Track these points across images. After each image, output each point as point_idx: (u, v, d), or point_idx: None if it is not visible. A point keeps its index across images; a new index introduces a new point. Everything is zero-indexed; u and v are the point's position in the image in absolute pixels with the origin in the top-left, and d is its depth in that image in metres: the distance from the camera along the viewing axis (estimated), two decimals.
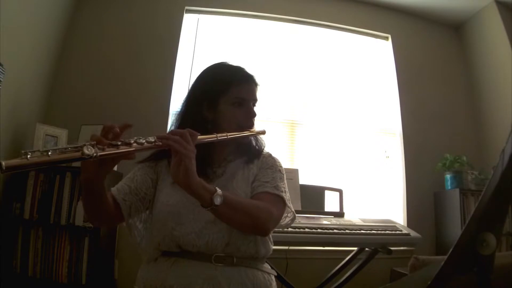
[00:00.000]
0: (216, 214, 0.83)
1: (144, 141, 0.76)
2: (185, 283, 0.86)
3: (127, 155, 0.76)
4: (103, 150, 0.69)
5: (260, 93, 1.08)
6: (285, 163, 2.69)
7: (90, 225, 1.98)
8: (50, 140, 2.22)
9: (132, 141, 0.75)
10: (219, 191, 0.80)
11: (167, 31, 2.79)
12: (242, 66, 1.08)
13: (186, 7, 2.89)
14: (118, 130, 0.76)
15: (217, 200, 0.79)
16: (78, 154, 0.65)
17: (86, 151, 0.66)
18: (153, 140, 0.77)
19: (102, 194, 0.85)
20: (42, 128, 2.18)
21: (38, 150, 0.62)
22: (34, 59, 2.31)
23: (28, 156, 0.60)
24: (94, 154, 0.67)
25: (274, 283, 0.99)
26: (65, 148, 0.65)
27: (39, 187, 2.04)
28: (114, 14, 2.77)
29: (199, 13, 2.96)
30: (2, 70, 1.80)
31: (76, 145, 0.66)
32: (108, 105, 2.53)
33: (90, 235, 1.99)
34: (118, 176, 2.05)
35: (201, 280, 0.86)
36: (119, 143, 0.73)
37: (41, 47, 2.37)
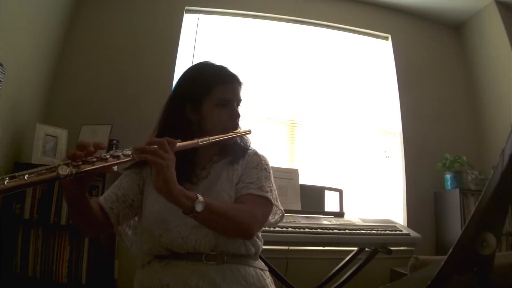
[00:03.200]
0: (198, 220, 0.83)
1: (120, 154, 0.76)
2: (181, 281, 0.87)
3: (104, 169, 0.76)
4: (78, 168, 0.70)
5: (245, 92, 1.06)
6: (285, 163, 2.70)
7: None
8: (50, 140, 2.22)
9: (108, 156, 0.75)
10: (200, 198, 0.80)
11: (167, 31, 2.79)
12: (225, 65, 1.06)
13: (186, 7, 2.89)
14: (93, 149, 0.75)
15: (199, 207, 0.79)
16: (54, 174, 0.67)
17: (60, 171, 0.67)
18: (129, 153, 0.77)
19: (87, 206, 0.86)
20: (42, 128, 2.18)
21: (14, 175, 0.64)
22: (34, 59, 2.31)
23: (6, 181, 0.62)
24: (69, 173, 0.68)
25: (268, 279, 0.99)
26: (41, 170, 0.67)
27: (39, 187, 2.03)
28: (114, 14, 2.77)
29: (199, 13, 2.96)
30: (2, 70, 1.80)
31: (51, 166, 0.68)
32: (108, 105, 2.53)
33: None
34: (118, 177, 2.05)
35: (195, 278, 0.86)
36: (95, 159, 0.73)
37: (41, 47, 2.37)
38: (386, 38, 3.23)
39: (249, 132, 1.06)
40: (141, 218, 0.98)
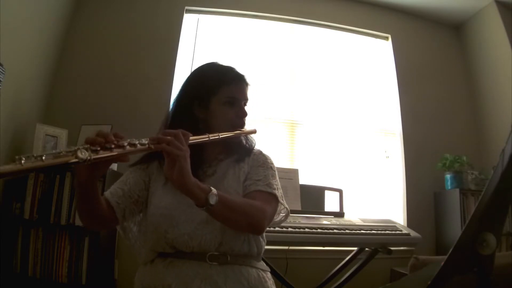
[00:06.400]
0: (211, 213, 0.83)
1: (137, 142, 0.76)
2: (183, 282, 0.87)
3: (121, 157, 0.75)
4: (96, 153, 0.69)
5: (251, 93, 1.08)
6: (285, 163, 2.70)
7: None
8: (50, 140, 2.22)
9: (126, 144, 0.74)
10: (214, 190, 0.81)
11: (167, 31, 2.79)
12: (233, 66, 1.07)
13: (186, 7, 2.89)
14: (113, 138, 0.74)
15: (212, 200, 0.80)
16: (72, 158, 0.65)
17: (80, 155, 0.65)
18: (146, 142, 0.77)
19: (96, 197, 0.85)
20: (42, 128, 2.18)
21: (32, 155, 0.62)
22: (34, 59, 2.31)
23: (22, 161, 0.60)
24: (88, 158, 0.67)
25: (270, 280, 0.99)
26: (59, 152, 0.65)
27: (39, 187, 2.03)
28: (114, 14, 2.77)
29: (199, 13, 2.96)
30: (2, 70, 1.79)
31: (70, 149, 0.66)
32: (108, 105, 2.53)
33: (90, 235, 1.98)
34: (119, 177, 2.05)
35: (198, 280, 0.86)
36: (113, 146, 0.72)
37: (41, 47, 2.37)
38: (386, 38, 3.22)
39: (254, 131, 1.08)
40: (147, 214, 0.98)
